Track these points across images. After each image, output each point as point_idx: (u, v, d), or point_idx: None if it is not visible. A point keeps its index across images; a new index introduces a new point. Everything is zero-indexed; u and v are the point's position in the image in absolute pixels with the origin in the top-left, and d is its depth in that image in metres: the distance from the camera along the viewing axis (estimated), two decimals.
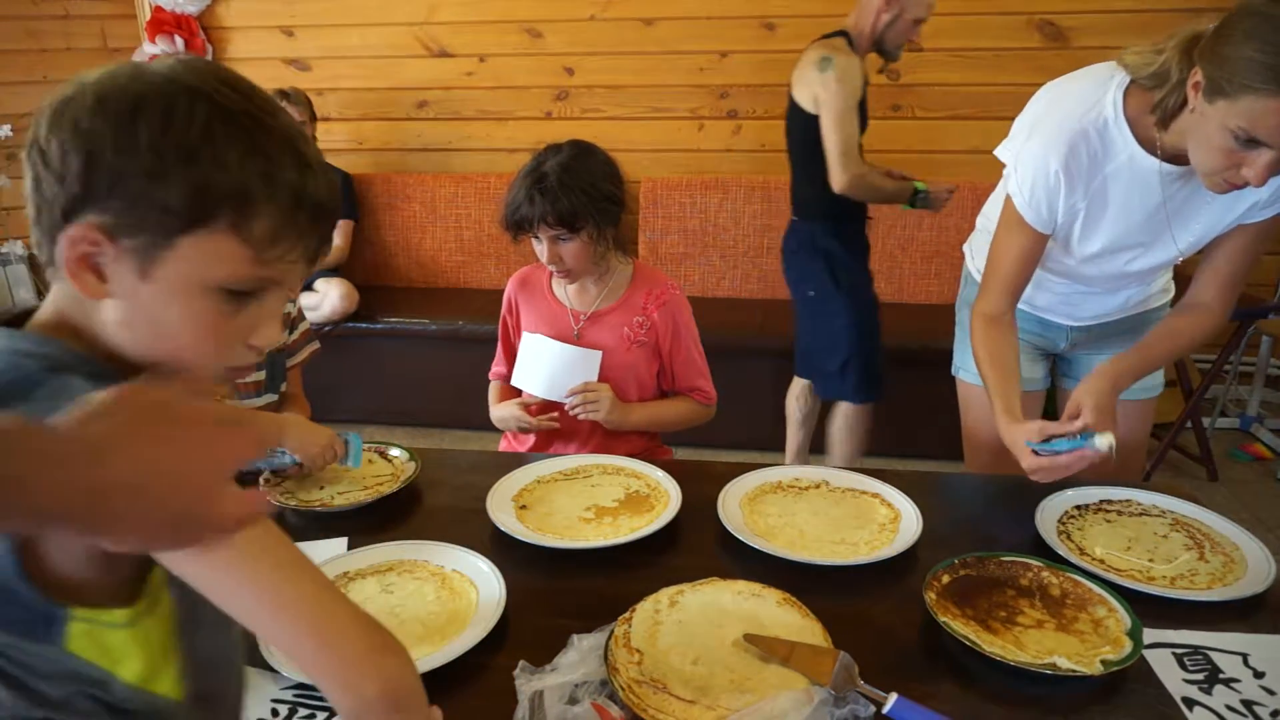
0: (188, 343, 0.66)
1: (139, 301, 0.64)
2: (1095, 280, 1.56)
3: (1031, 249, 1.45)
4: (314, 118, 3.65)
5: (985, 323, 1.49)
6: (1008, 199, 1.44)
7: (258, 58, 4.00)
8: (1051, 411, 1.95)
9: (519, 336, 1.85)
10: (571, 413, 1.69)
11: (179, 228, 0.62)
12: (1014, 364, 1.48)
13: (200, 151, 0.61)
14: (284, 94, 3.53)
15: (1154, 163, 1.33)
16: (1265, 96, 1.09)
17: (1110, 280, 1.55)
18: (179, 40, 3.87)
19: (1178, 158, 1.29)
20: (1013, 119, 1.59)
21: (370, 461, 1.58)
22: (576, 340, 1.76)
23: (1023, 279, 1.49)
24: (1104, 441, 1.29)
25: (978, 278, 1.74)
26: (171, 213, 0.61)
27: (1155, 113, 1.28)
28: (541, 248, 1.66)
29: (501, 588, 1.14)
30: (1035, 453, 1.33)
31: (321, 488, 1.48)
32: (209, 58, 3.97)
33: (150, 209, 0.61)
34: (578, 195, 1.59)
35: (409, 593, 1.17)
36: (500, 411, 1.78)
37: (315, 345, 1.74)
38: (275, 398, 1.66)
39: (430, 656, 1.02)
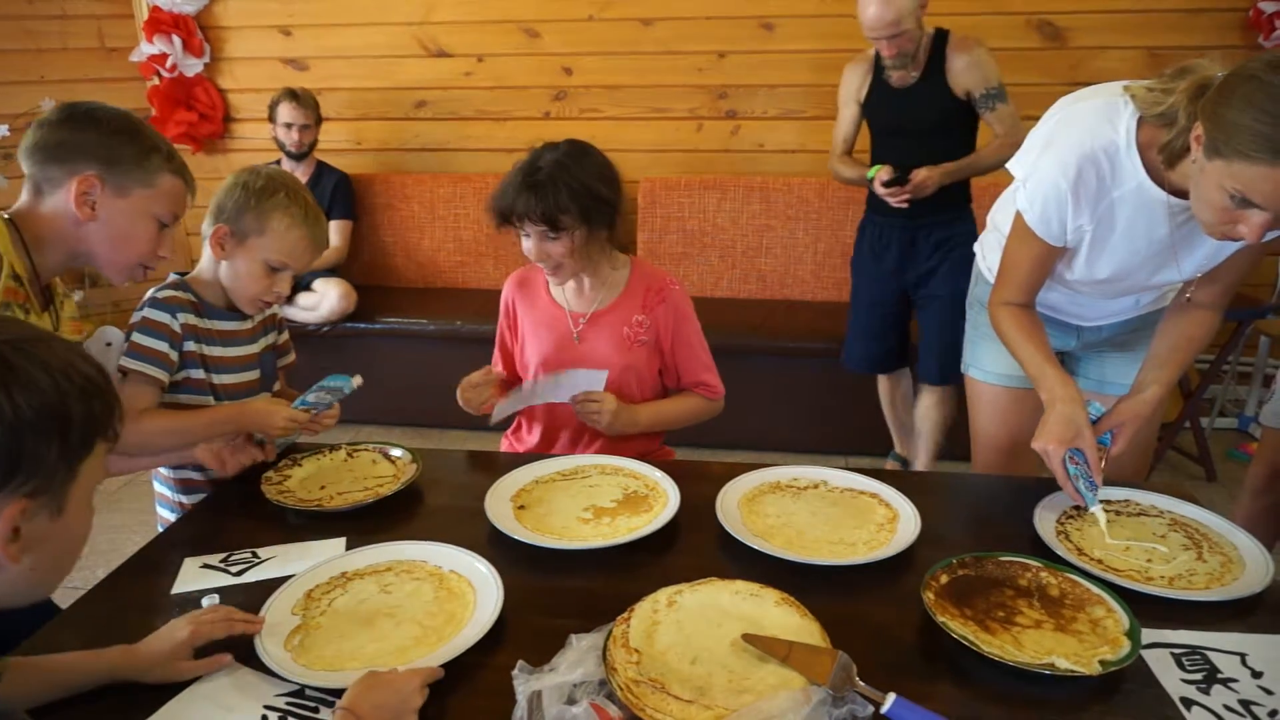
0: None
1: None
2: (1105, 293, 1.57)
3: (1044, 258, 1.47)
4: (319, 120, 3.65)
5: (1009, 309, 1.52)
6: (1018, 213, 1.45)
7: (255, 57, 4.00)
8: None
9: (516, 340, 1.84)
10: (578, 415, 1.69)
11: None
12: (1044, 334, 1.50)
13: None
14: (293, 94, 3.53)
15: (1161, 194, 1.33)
16: (1259, 164, 1.09)
17: (1120, 293, 1.57)
18: (176, 40, 3.87)
19: (1183, 192, 1.29)
20: None
21: (374, 462, 1.58)
22: (577, 342, 1.75)
23: (1037, 282, 1.51)
24: (1101, 517, 1.34)
25: (989, 276, 1.74)
26: None
27: (1162, 153, 1.28)
28: (529, 243, 1.64)
29: (499, 589, 1.14)
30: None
31: (322, 487, 1.48)
32: (207, 57, 3.97)
33: None
34: (566, 195, 1.57)
35: (407, 593, 1.16)
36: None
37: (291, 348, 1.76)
38: (269, 396, 1.66)
39: (428, 657, 1.02)
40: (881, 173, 2.53)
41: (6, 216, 1.29)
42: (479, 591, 1.15)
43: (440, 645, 1.05)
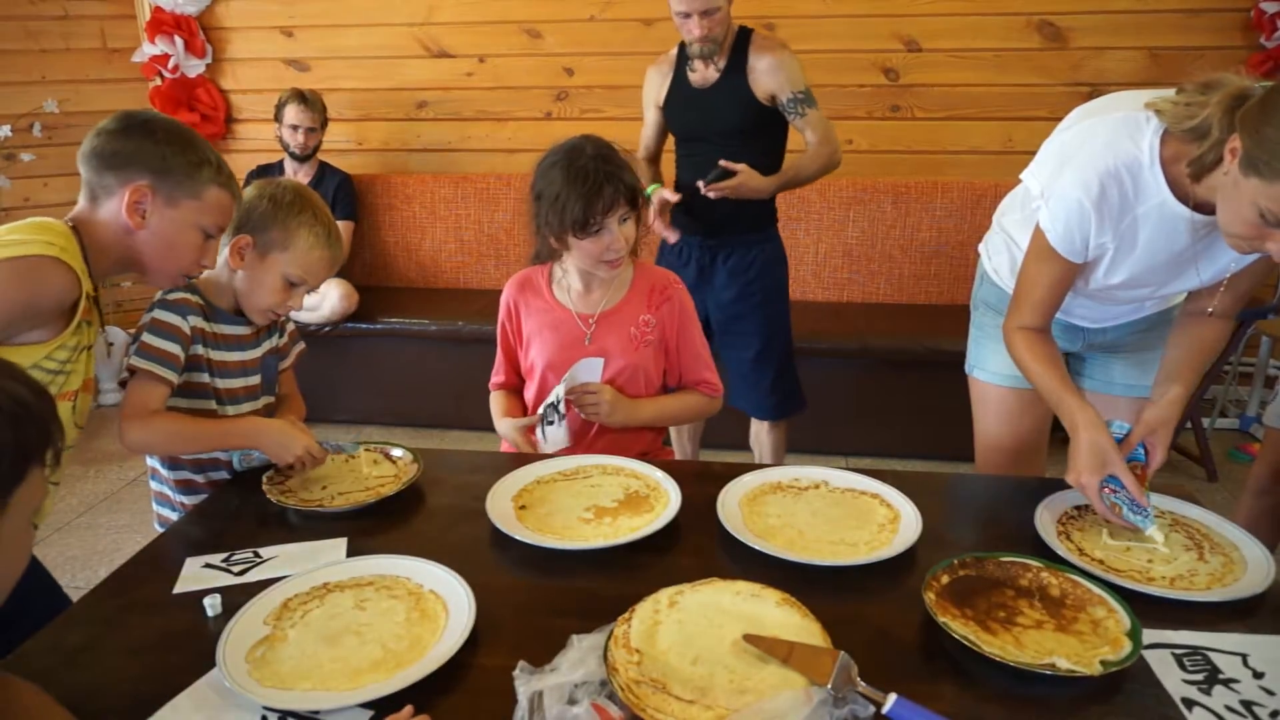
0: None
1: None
2: (1115, 299, 1.57)
3: (1064, 278, 1.46)
4: (325, 123, 3.66)
5: (1025, 335, 1.49)
6: (1038, 232, 1.43)
7: (257, 58, 4.01)
8: None
9: (520, 342, 1.84)
10: (576, 409, 1.69)
11: None
12: (1060, 359, 1.49)
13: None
14: (301, 96, 3.54)
15: (1184, 210, 1.32)
16: None
17: (1130, 299, 1.57)
18: (178, 41, 3.88)
19: (1208, 206, 1.28)
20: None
21: (375, 463, 1.58)
22: (588, 344, 1.74)
23: (1056, 302, 1.49)
24: (1159, 536, 1.30)
25: (993, 277, 1.74)
26: None
27: (1190, 166, 1.26)
28: (610, 236, 1.63)
29: (469, 617, 1.09)
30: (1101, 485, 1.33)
31: (324, 488, 1.48)
32: (209, 58, 3.98)
33: None
34: (628, 171, 1.62)
35: (381, 611, 1.13)
36: (503, 426, 1.74)
37: (301, 345, 1.75)
38: (272, 399, 1.66)
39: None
40: (661, 192, 2.37)
41: (71, 224, 1.31)
42: (450, 617, 1.11)
43: (397, 671, 1.01)
